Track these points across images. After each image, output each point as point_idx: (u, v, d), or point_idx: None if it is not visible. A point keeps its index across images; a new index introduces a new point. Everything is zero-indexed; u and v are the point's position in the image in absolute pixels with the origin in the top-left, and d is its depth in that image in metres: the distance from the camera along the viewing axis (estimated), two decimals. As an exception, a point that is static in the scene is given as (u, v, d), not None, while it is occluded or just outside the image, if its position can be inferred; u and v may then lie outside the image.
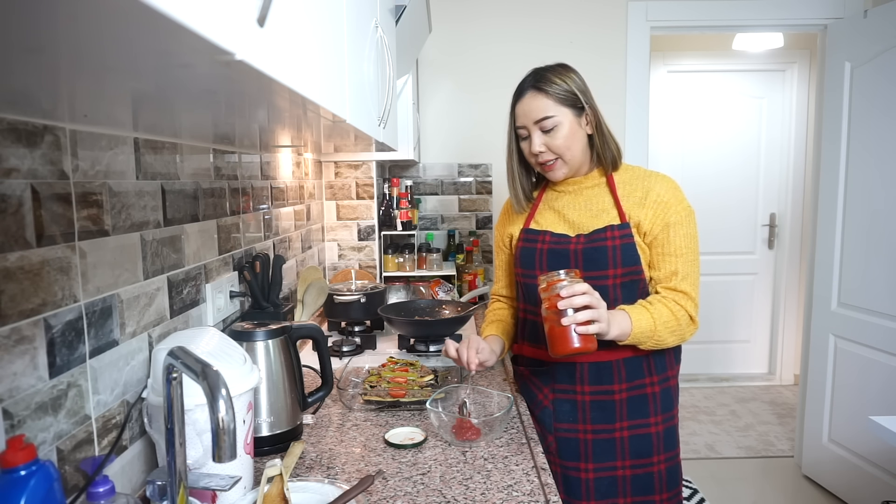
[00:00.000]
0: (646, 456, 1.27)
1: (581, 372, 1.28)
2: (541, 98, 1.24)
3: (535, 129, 1.26)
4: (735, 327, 4.03)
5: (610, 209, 1.28)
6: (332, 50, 0.81)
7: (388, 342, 1.86)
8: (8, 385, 0.69)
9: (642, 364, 1.27)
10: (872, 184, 2.39)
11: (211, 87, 0.60)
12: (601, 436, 1.27)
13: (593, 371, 1.27)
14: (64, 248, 0.79)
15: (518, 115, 1.29)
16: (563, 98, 1.24)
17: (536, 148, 1.26)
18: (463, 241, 2.83)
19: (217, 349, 0.93)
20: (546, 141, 1.25)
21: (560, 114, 1.24)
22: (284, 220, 1.85)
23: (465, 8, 2.79)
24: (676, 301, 1.23)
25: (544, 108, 1.24)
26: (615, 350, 1.24)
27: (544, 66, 1.29)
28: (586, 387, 1.27)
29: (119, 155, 0.92)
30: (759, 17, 2.76)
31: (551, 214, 1.35)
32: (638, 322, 1.17)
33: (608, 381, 1.26)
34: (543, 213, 1.37)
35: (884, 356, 2.36)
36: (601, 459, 1.27)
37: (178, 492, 0.75)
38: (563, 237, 1.30)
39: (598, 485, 1.27)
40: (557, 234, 1.31)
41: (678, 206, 1.26)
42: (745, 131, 3.88)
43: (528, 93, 1.26)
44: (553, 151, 1.26)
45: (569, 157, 1.27)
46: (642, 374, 1.27)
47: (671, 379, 1.31)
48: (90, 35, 0.38)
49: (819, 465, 2.71)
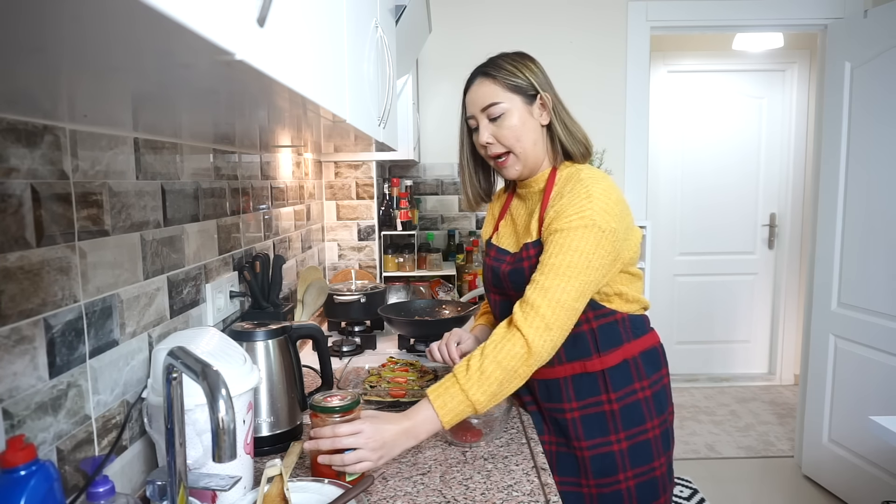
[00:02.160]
0: (610, 475, 1.16)
1: (532, 386, 1.23)
2: (488, 84, 1.15)
3: (483, 117, 1.16)
4: (735, 327, 4.03)
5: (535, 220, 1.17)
6: (332, 50, 0.81)
7: (388, 342, 1.86)
8: (8, 385, 0.69)
9: (596, 381, 1.16)
10: (872, 184, 2.39)
11: (211, 87, 0.60)
12: (563, 449, 1.20)
13: (542, 387, 1.21)
14: (64, 248, 0.79)
15: (467, 103, 1.20)
16: (512, 84, 1.14)
17: (484, 138, 1.16)
18: (463, 241, 2.83)
19: (217, 349, 0.93)
20: (494, 131, 1.15)
21: (508, 100, 1.14)
22: (284, 220, 1.85)
23: (464, 8, 2.80)
24: (517, 326, 1.03)
25: (491, 94, 1.14)
26: (561, 366, 1.17)
27: (499, 54, 1.20)
28: (541, 402, 1.22)
29: (119, 155, 0.92)
30: (759, 17, 2.76)
31: (510, 224, 1.27)
32: (443, 405, 1.00)
33: (557, 399, 1.19)
34: (506, 221, 1.29)
35: (883, 356, 2.36)
36: (566, 474, 1.20)
37: (178, 492, 0.75)
38: (503, 253, 1.23)
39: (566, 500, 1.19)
40: (500, 250, 1.24)
41: (575, 214, 1.07)
42: (745, 131, 3.88)
43: (476, 79, 1.18)
44: (502, 143, 1.16)
45: (519, 149, 1.15)
46: (597, 391, 1.16)
47: (639, 392, 1.17)
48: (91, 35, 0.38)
49: (819, 465, 2.71)
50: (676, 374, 4.02)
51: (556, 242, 1.06)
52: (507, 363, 1.01)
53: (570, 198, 1.09)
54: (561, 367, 1.17)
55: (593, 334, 1.16)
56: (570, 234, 1.05)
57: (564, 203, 1.09)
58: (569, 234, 1.05)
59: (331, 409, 0.97)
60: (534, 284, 1.06)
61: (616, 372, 1.16)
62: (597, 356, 1.16)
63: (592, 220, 1.05)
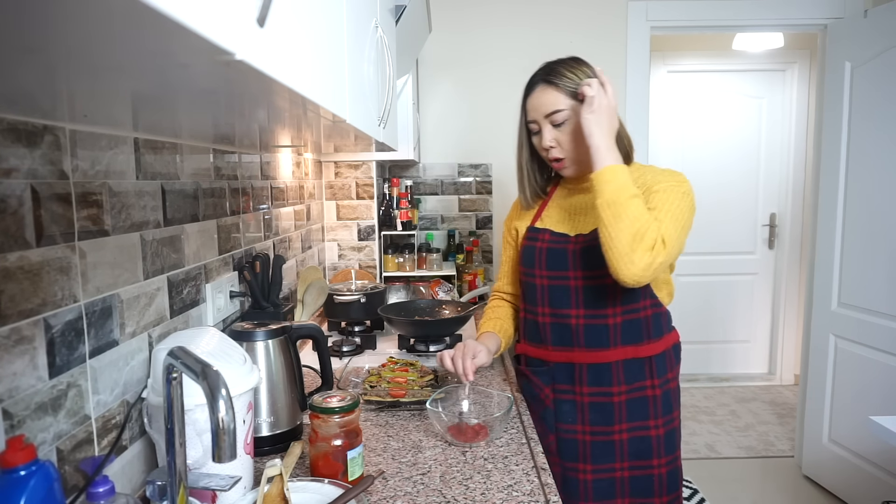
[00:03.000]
0: (645, 458, 1.26)
1: (580, 373, 1.27)
2: (551, 91, 1.23)
3: (546, 123, 1.25)
4: (735, 327, 4.03)
5: None
6: (332, 50, 0.81)
7: (388, 342, 1.86)
8: (8, 385, 0.69)
9: (644, 367, 1.26)
10: (872, 184, 2.39)
11: (211, 86, 0.60)
12: (599, 437, 1.26)
13: (592, 372, 1.26)
14: (64, 248, 0.79)
15: (529, 109, 1.28)
16: (573, 92, 1.22)
17: (547, 143, 1.25)
18: (463, 241, 2.83)
19: (217, 349, 0.93)
20: (556, 136, 1.25)
21: (570, 108, 1.22)
22: (284, 220, 1.85)
23: (464, 8, 2.79)
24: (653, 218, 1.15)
25: (554, 101, 1.23)
26: (615, 350, 1.24)
27: (556, 60, 1.28)
28: (585, 388, 1.27)
29: (119, 155, 0.92)
30: (759, 17, 2.76)
31: (557, 212, 1.35)
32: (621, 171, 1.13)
33: (607, 383, 1.25)
34: (550, 211, 1.36)
35: (884, 356, 2.36)
36: (599, 461, 1.26)
37: (178, 492, 0.75)
38: (562, 237, 1.29)
39: (597, 486, 1.27)
40: (557, 234, 1.30)
41: (670, 178, 1.22)
42: (745, 131, 3.88)
43: (538, 86, 1.25)
44: (563, 147, 1.25)
45: (577, 153, 1.25)
46: (643, 377, 1.26)
47: (671, 381, 1.29)
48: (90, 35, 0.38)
49: (819, 465, 2.71)
50: (676, 374, 4.01)
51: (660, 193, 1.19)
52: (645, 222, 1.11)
53: (656, 173, 1.25)
54: (615, 351, 1.25)
55: (647, 321, 1.26)
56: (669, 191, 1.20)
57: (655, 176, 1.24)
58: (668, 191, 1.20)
59: (331, 410, 0.97)
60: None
61: (660, 359, 1.27)
62: (647, 342, 1.26)
63: (683, 181, 1.23)
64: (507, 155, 2.87)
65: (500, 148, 2.86)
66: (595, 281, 1.22)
